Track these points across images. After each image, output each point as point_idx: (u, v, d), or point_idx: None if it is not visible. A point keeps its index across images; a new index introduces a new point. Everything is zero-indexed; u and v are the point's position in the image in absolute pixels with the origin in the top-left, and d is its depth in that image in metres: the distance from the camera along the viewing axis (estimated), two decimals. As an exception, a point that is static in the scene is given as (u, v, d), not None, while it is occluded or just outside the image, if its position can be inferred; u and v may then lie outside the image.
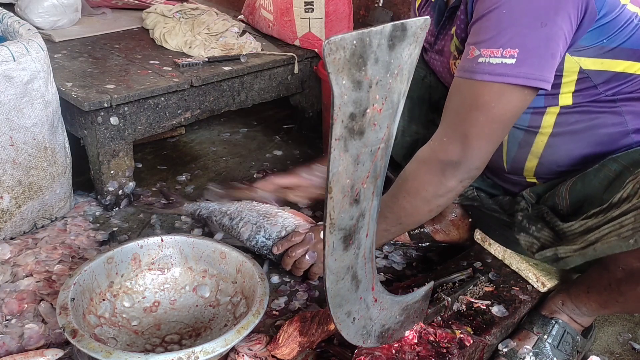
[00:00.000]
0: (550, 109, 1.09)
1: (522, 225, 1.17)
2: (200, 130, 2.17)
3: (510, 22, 0.93)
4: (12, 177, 1.36)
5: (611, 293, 1.06)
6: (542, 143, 1.12)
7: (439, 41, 1.22)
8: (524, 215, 1.18)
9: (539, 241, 1.12)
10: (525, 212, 1.18)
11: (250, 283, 1.15)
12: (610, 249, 0.96)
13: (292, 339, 1.04)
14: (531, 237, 1.14)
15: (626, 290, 1.02)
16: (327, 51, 0.63)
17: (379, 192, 0.85)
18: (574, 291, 1.15)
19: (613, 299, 1.06)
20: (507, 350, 1.15)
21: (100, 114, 1.49)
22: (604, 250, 0.97)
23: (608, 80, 1.04)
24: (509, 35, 0.93)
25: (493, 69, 0.95)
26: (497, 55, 0.94)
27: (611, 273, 1.05)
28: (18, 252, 1.36)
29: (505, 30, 0.93)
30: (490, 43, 0.95)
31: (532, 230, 1.14)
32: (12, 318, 1.17)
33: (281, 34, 2.02)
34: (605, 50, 1.00)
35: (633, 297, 1.02)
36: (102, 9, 2.17)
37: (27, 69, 1.30)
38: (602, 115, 1.07)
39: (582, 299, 1.13)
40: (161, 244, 1.23)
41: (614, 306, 1.09)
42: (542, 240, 1.12)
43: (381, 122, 0.76)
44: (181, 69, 1.71)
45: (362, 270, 0.90)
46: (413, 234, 1.52)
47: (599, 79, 1.04)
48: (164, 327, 1.17)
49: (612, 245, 0.96)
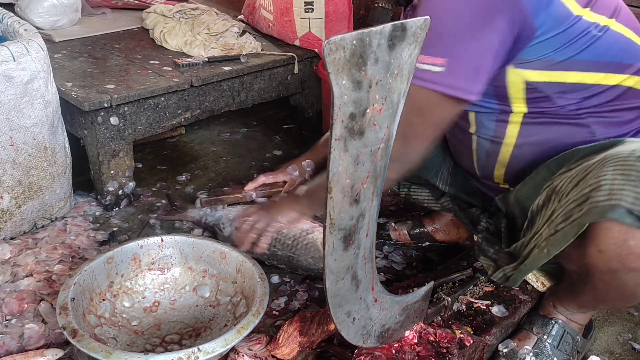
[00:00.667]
0: (513, 117, 1.09)
1: (481, 247, 1.20)
2: (200, 130, 2.17)
3: (441, 32, 0.94)
4: (12, 177, 1.36)
5: (581, 292, 1.08)
6: (507, 153, 1.14)
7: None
8: (483, 237, 1.22)
9: (496, 263, 1.15)
10: (485, 233, 1.23)
11: (250, 283, 1.15)
12: (535, 262, 1.00)
13: (292, 339, 1.04)
14: (489, 259, 1.17)
15: (585, 290, 1.05)
16: (327, 51, 0.63)
17: (379, 192, 0.85)
18: (559, 293, 1.17)
19: (585, 297, 1.09)
20: (507, 351, 1.14)
21: (100, 114, 1.49)
22: (531, 264, 1.01)
23: (563, 91, 1.03)
24: (439, 44, 0.96)
25: (422, 75, 0.97)
26: (428, 62, 0.97)
27: (571, 276, 1.08)
28: (18, 252, 1.36)
29: (436, 39, 0.94)
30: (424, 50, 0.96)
31: (490, 252, 1.18)
32: (12, 318, 1.17)
33: (281, 34, 2.02)
34: (553, 63, 1.00)
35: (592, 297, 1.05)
36: (102, 9, 2.17)
37: (27, 69, 1.30)
38: (566, 127, 1.07)
39: (566, 300, 1.14)
40: (161, 244, 1.23)
41: (587, 306, 1.12)
42: (499, 262, 1.14)
43: (381, 122, 0.76)
44: (181, 69, 1.71)
45: (362, 270, 0.90)
46: (413, 234, 1.52)
47: (549, 90, 1.03)
48: (164, 327, 1.16)
49: (535, 258, 0.99)
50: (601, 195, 0.87)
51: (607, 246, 0.89)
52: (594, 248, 0.91)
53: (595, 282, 0.98)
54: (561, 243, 0.93)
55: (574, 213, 0.92)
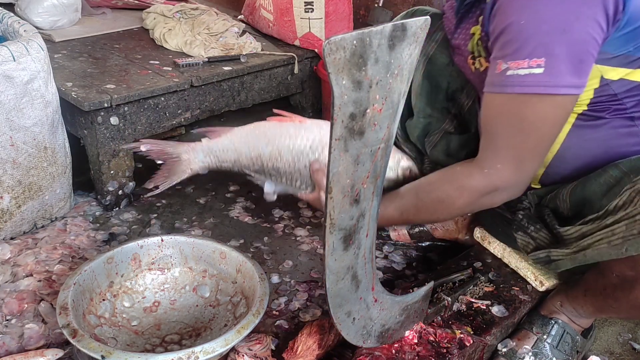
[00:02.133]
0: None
1: (521, 224, 1.17)
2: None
3: (531, 31, 0.92)
4: (12, 177, 1.36)
5: (606, 298, 1.06)
6: (551, 154, 1.12)
7: (457, 35, 1.21)
8: (525, 215, 1.18)
9: (535, 241, 1.13)
10: (527, 211, 1.18)
11: (250, 283, 1.15)
12: (599, 255, 0.97)
13: (311, 351, 1.03)
14: (528, 236, 1.15)
15: (620, 296, 1.03)
16: (327, 51, 0.63)
17: (379, 192, 0.85)
18: (572, 293, 1.15)
19: (608, 305, 1.07)
20: (507, 350, 1.15)
21: (100, 114, 1.49)
22: (593, 256, 0.98)
23: (630, 90, 1.01)
24: (533, 44, 0.92)
25: (522, 80, 0.93)
26: (525, 67, 0.93)
27: (606, 278, 1.05)
28: (18, 252, 1.36)
29: (527, 40, 0.92)
30: (515, 55, 0.93)
31: (531, 230, 1.15)
32: (12, 318, 1.17)
33: (281, 34, 2.02)
34: (631, 60, 0.97)
35: (626, 304, 1.03)
36: (102, 9, 2.17)
37: (27, 69, 1.30)
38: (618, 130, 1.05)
39: (579, 301, 1.13)
40: (161, 244, 1.23)
41: (609, 311, 1.10)
42: (539, 241, 1.12)
43: (381, 122, 0.76)
44: (181, 69, 1.71)
45: (362, 270, 0.90)
46: (413, 233, 1.52)
47: (620, 89, 1.01)
48: (164, 327, 1.17)
49: (601, 252, 0.97)
50: None
51: None
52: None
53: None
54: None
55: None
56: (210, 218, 1.61)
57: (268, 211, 1.65)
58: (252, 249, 1.48)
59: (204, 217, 1.62)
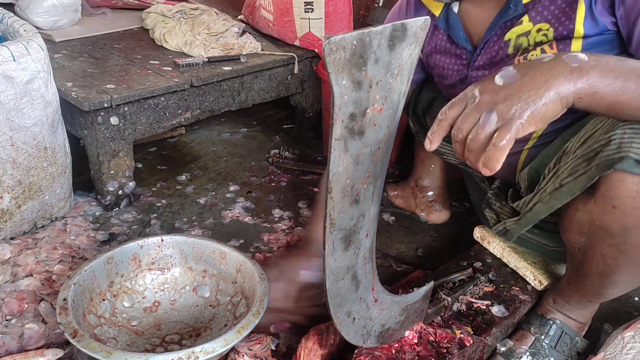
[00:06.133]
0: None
1: (489, 201, 1.23)
2: (200, 130, 2.17)
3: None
4: (12, 177, 1.36)
5: (582, 279, 1.05)
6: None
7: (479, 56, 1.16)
8: (494, 193, 1.24)
9: (498, 216, 1.18)
10: (496, 190, 1.25)
11: (250, 283, 1.15)
12: (535, 215, 1.01)
13: (314, 353, 1.03)
14: (493, 212, 1.21)
15: (588, 271, 1.01)
16: (327, 51, 0.63)
17: (379, 192, 0.85)
18: (560, 286, 1.15)
19: (585, 286, 1.06)
20: (505, 350, 1.15)
21: (100, 114, 1.49)
22: (532, 217, 1.02)
23: None
24: None
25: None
26: None
27: (574, 257, 1.04)
28: (18, 252, 1.36)
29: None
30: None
31: (497, 206, 1.20)
32: (12, 318, 1.17)
33: (281, 34, 2.02)
34: None
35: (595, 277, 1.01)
36: (102, 9, 2.17)
37: (27, 69, 1.30)
38: None
39: (566, 292, 1.13)
40: (161, 244, 1.23)
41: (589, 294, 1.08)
42: (502, 216, 1.17)
43: (381, 122, 0.76)
44: (181, 69, 1.71)
45: (362, 270, 0.90)
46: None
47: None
48: (164, 327, 1.17)
49: (537, 212, 1.01)
50: (610, 149, 0.84)
51: (620, 200, 0.85)
52: (607, 205, 0.87)
53: (605, 250, 0.93)
54: (566, 196, 0.92)
55: (580, 168, 0.89)
56: (210, 218, 1.61)
57: (268, 211, 1.65)
58: (252, 249, 1.48)
59: (204, 217, 1.62)
